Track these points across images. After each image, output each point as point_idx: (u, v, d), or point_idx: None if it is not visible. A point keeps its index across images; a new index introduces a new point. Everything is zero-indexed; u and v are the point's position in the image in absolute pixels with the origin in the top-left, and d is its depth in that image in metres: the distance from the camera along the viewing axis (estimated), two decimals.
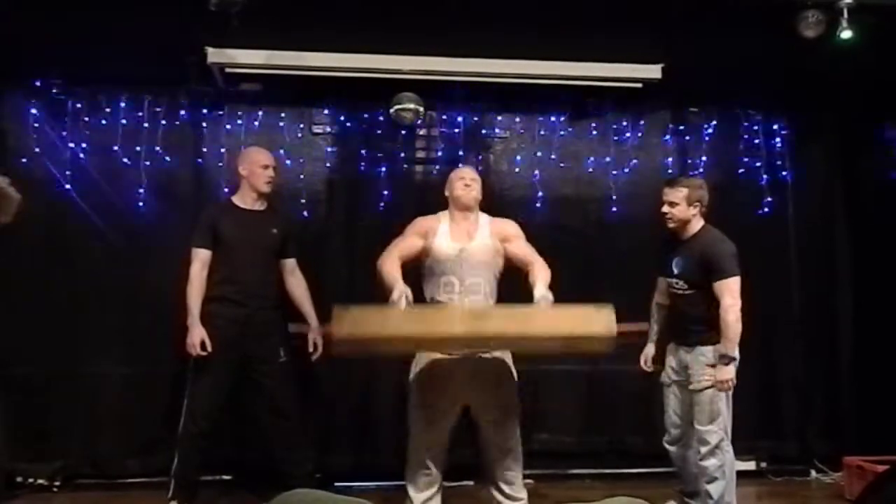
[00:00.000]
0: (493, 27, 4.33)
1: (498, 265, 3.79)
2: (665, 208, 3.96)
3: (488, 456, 3.79)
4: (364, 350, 3.51)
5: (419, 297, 3.76)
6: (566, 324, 3.40)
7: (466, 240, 3.74)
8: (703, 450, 3.80)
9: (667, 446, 4.08)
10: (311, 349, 4.35)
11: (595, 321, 3.33)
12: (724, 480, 3.80)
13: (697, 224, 3.97)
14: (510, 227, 3.86)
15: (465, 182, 3.80)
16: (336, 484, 4.59)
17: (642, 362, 4.14)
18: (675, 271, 3.95)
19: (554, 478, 4.93)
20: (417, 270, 3.81)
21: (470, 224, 3.80)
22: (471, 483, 4.68)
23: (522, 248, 3.78)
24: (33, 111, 4.82)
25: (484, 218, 3.86)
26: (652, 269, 4.21)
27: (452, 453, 3.82)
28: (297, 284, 4.39)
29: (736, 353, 3.77)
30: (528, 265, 3.68)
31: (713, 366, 3.79)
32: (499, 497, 3.78)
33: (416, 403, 3.72)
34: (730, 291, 3.77)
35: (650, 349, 4.17)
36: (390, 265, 3.59)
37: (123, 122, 4.87)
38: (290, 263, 4.40)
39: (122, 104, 4.87)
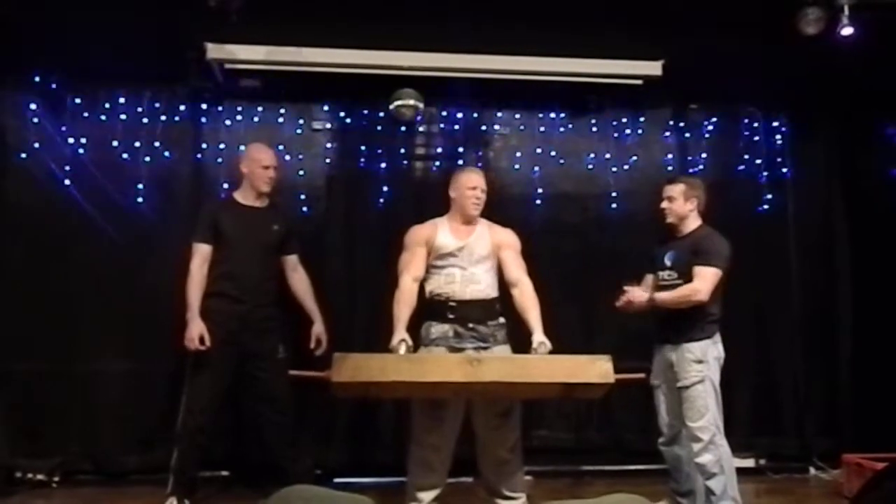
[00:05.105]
0: (494, 23, 4.33)
1: (496, 259, 3.84)
2: (664, 203, 4.01)
3: (488, 457, 3.79)
4: (362, 393, 3.61)
5: (421, 296, 3.79)
6: (562, 372, 3.46)
7: (466, 236, 3.82)
8: (697, 446, 3.79)
9: (661, 448, 4.07)
10: (313, 345, 4.35)
11: (591, 370, 3.40)
12: (723, 475, 3.79)
13: (694, 222, 3.99)
14: (508, 237, 3.91)
15: (476, 196, 3.82)
16: (335, 480, 4.59)
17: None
18: (668, 263, 3.96)
19: (553, 474, 4.92)
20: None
21: (470, 226, 3.86)
22: (469, 479, 4.69)
23: (512, 262, 3.83)
24: (32, 106, 4.82)
25: (483, 223, 3.91)
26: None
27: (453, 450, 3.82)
28: (299, 280, 4.39)
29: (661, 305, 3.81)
30: (513, 285, 3.78)
31: (699, 361, 3.80)
32: (498, 496, 3.79)
33: (421, 409, 3.73)
34: (704, 279, 3.77)
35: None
36: (403, 304, 3.65)
37: (123, 117, 4.87)
38: (293, 260, 4.40)
39: (122, 100, 4.87)
